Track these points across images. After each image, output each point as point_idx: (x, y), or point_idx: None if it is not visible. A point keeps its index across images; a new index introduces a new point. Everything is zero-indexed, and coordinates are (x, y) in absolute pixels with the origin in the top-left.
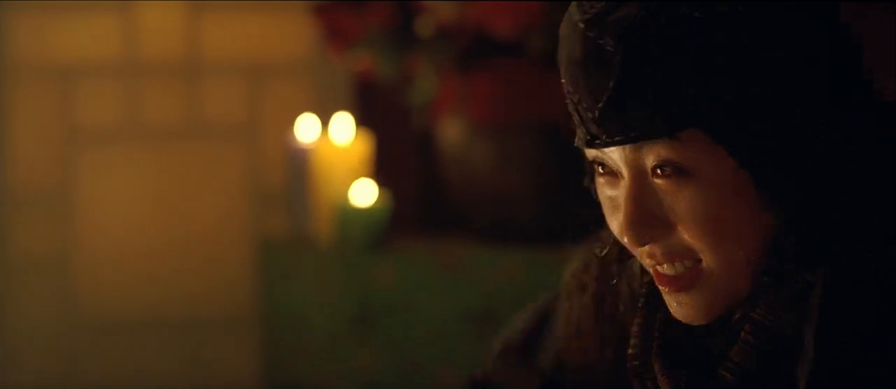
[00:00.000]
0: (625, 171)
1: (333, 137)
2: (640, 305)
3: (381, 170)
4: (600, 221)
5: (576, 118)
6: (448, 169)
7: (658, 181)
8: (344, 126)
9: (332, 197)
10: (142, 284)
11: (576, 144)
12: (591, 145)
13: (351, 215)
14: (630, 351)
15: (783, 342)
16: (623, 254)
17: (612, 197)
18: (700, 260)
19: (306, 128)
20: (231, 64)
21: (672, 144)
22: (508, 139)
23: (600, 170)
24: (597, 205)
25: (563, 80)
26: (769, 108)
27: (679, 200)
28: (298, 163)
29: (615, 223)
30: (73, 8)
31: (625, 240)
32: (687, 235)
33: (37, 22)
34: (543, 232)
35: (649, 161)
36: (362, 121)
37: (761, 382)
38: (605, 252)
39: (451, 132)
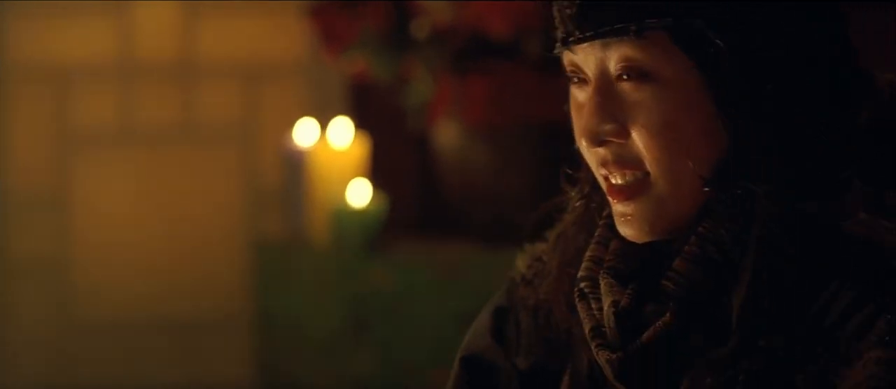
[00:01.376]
0: (591, 75)
1: (330, 140)
2: (595, 235)
3: (377, 172)
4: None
5: (557, 20)
6: (444, 171)
7: (621, 85)
8: (341, 129)
9: (327, 199)
10: (138, 285)
11: (555, 51)
12: (565, 43)
13: (347, 217)
14: (580, 275)
15: (724, 258)
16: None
17: (581, 102)
18: (648, 173)
19: (302, 130)
20: (226, 66)
21: (637, 44)
22: (504, 141)
23: (575, 80)
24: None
25: None
26: (734, 19)
27: (638, 103)
28: (294, 165)
29: (577, 128)
30: (68, 10)
31: (583, 143)
32: (639, 142)
33: (33, 24)
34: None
35: (613, 61)
36: (358, 123)
37: (702, 294)
38: (585, 193)
39: (447, 134)
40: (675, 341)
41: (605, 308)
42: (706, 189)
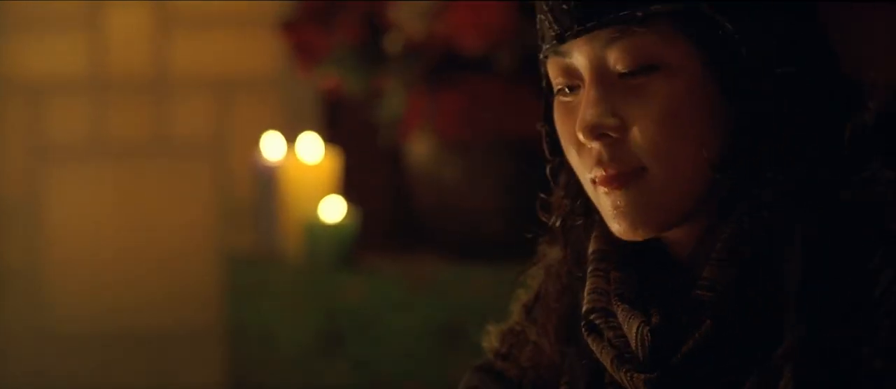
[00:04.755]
0: (587, 74)
1: (301, 154)
2: (589, 270)
3: (350, 186)
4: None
5: (546, 22)
6: (416, 185)
7: (622, 80)
8: (311, 144)
9: (299, 213)
10: (109, 298)
11: (543, 55)
12: (562, 40)
13: (319, 231)
14: (586, 308)
15: (756, 256)
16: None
17: (571, 106)
18: (645, 168)
19: (274, 144)
20: (199, 80)
21: (639, 34)
22: (477, 155)
23: (565, 90)
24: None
25: None
26: (735, 8)
27: (641, 94)
28: (266, 179)
29: (568, 130)
30: (41, 25)
31: (580, 136)
32: (641, 133)
33: (5, 38)
34: (512, 249)
35: (614, 54)
36: (330, 137)
37: (740, 298)
38: (565, 213)
39: (420, 148)
40: (715, 350)
41: (632, 331)
42: (717, 175)
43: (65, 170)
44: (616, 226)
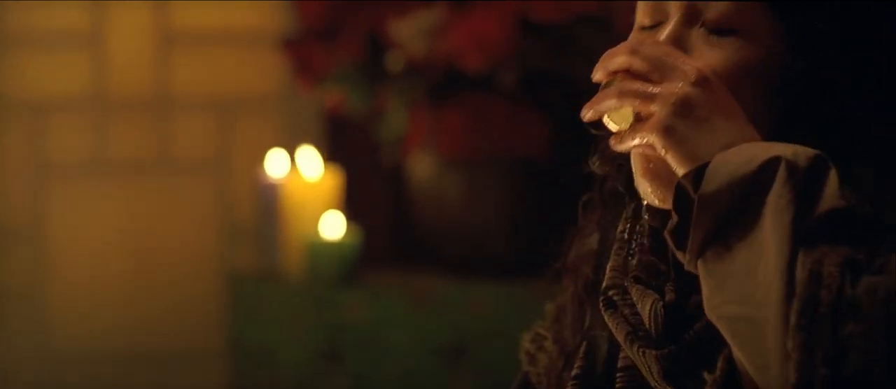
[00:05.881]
0: (677, 13)
1: (303, 172)
2: (615, 247)
3: (352, 204)
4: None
5: None
6: (418, 203)
7: (705, 31)
8: (311, 160)
9: (301, 231)
10: (112, 316)
11: None
12: None
13: (320, 249)
14: (606, 284)
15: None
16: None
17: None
18: None
19: (276, 163)
20: (201, 99)
21: (737, 4)
22: (479, 173)
23: (646, 26)
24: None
25: None
26: (834, 12)
27: (716, 50)
28: (268, 197)
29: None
30: (43, 43)
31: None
32: None
33: (7, 57)
34: (514, 267)
35: (710, 7)
36: (332, 155)
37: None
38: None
39: (422, 167)
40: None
41: (646, 308)
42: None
43: (67, 189)
44: (639, 166)
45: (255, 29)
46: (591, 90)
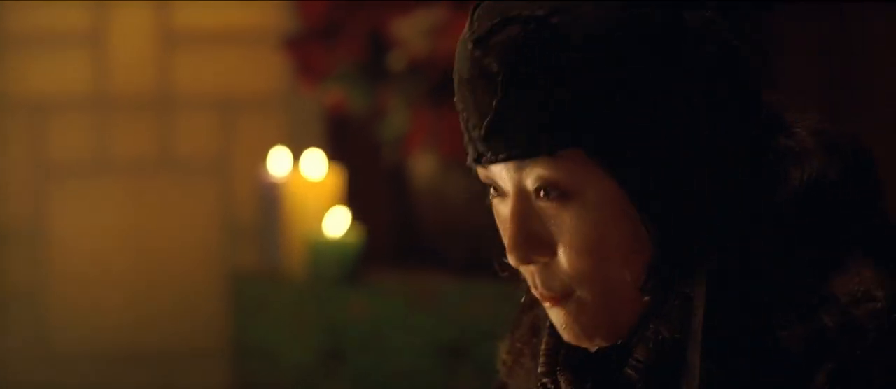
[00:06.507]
0: (509, 192)
1: (305, 171)
2: (547, 326)
3: (353, 203)
4: None
5: (466, 137)
6: (420, 202)
7: (541, 204)
8: (315, 161)
9: (303, 230)
10: (113, 317)
11: (467, 163)
12: (478, 162)
13: (323, 248)
14: (540, 370)
15: (677, 348)
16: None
17: (504, 217)
18: (575, 291)
19: (278, 162)
20: (202, 98)
21: (552, 163)
22: None
23: (494, 191)
24: None
25: (454, 98)
26: (646, 130)
27: (562, 223)
28: (270, 197)
29: (505, 241)
30: (45, 43)
31: (511, 260)
32: (565, 263)
33: (8, 56)
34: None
35: (530, 181)
36: (334, 155)
37: (665, 376)
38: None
39: (424, 166)
40: None
41: None
42: (645, 298)
43: (69, 188)
44: (564, 336)
45: (257, 29)
46: None
